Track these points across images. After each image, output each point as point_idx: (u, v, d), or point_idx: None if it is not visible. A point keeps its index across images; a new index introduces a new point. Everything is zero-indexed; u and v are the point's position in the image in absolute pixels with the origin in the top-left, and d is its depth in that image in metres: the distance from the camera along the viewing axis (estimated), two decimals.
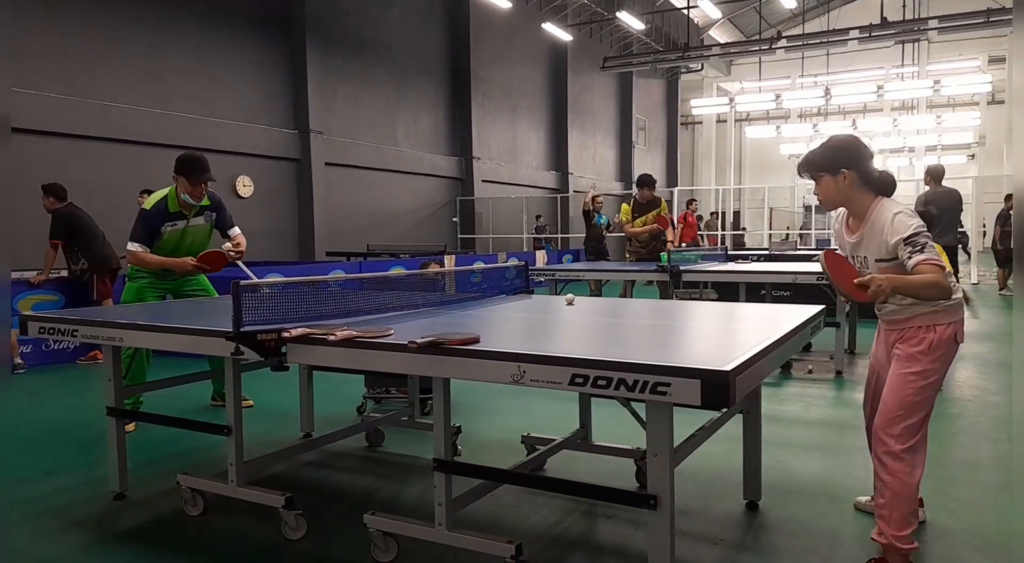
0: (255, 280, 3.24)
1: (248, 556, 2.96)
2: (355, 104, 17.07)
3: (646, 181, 8.37)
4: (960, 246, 14.45)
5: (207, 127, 13.36)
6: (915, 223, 2.58)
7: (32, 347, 7.28)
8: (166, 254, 4.76)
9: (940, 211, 8.20)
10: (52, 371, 7.11)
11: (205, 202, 4.85)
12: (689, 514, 3.27)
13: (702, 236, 19.58)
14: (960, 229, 12.02)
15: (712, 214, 24.79)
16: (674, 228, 9.77)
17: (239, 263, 4.96)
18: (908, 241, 2.55)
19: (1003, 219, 13.13)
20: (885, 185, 2.76)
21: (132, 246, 4.66)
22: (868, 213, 2.71)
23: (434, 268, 5.25)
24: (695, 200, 18.01)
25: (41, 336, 3.50)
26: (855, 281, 2.54)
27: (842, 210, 2.88)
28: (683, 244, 14.16)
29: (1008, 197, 13.26)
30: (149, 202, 4.73)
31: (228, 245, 4.95)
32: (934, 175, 8.61)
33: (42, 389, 6.33)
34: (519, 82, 23.12)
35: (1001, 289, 13.32)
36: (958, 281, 2.84)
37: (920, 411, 2.65)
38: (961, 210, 8.96)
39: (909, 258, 2.54)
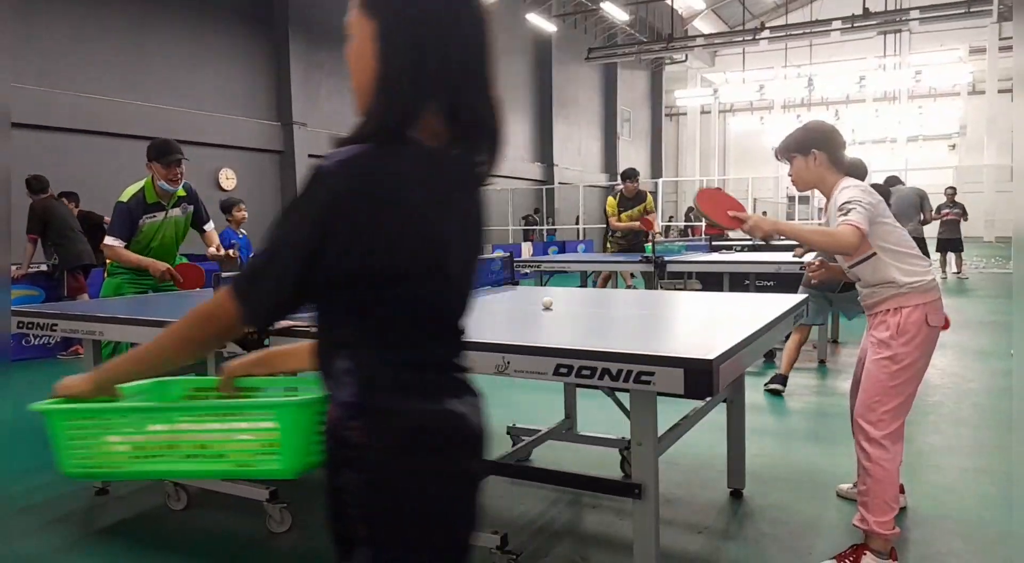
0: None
1: (233, 550, 2.95)
2: (339, 96, 16.95)
3: (631, 174, 8.42)
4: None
5: (190, 119, 13.22)
6: (854, 194, 2.63)
7: (12, 342, 7.20)
8: (144, 247, 4.64)
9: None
10: (32, 366, 7.04)
11: (181, 192, 4.71)
12: (674, 503, 3.29)
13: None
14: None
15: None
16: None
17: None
18: (840, 207, 2.62)
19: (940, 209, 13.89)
20: (856, 170, 2.83)
21: (109, 241, 4.51)
22: (831, 193, 2.79)
23: None
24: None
25: (20, 331, 3.47)
26: (730, 212, 2.67)
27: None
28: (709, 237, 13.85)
29: (947, 189, 14.20)
30: (125, 194, 4.57)
31: (212, 250, 4.91)
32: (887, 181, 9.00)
33: (22, 384, 6.26)
34: (503, 73, 22.78)
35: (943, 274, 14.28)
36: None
37: (897, 397, 2.66)
38: (917, 204, 9.19)
39: (836, 221, 2.62)
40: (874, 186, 6.65)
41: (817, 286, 5.06)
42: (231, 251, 4.85)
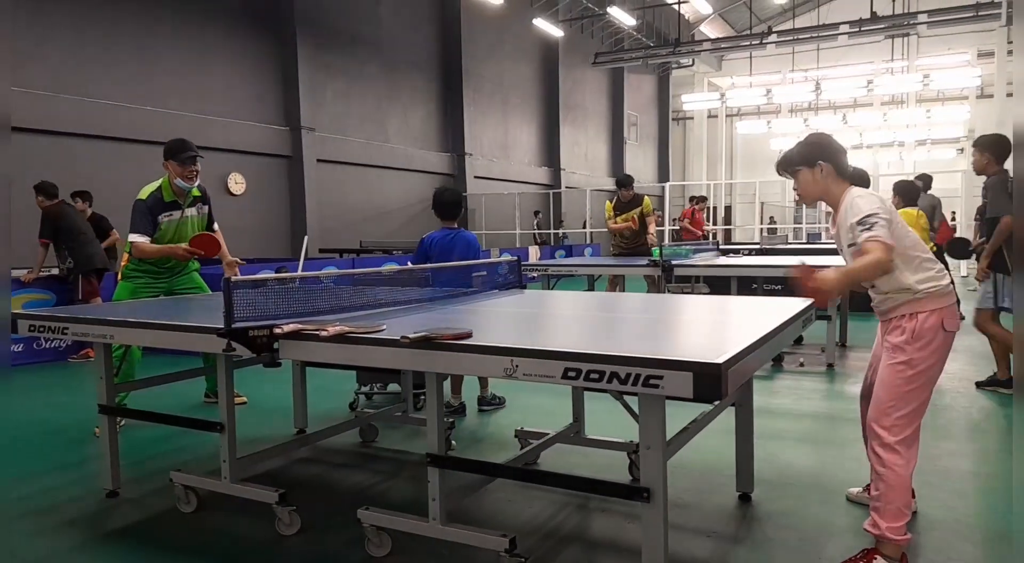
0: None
1: (242, 552, 2.95)
2: (346, 100, 17.01)
3: (625, 182, 8.59)
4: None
5: (197, 124, 13.27)
6: (871, 205, 2.58)
7: (24, 345, 7.24)
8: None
9: None
10: (44, 369, 7.07)
11: (196, 192, 4.82)
12: (682, 507, 3.28)
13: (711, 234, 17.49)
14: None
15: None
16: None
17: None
18: (860, 222, 2.56)
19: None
20: (859, 179, 2.81)
21: (134, 237, 4.61)
22: (840, 203, 2.74)
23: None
24: (704, 198, 16.30)
25: (32, 334, 3.48)
26: (809, 285, 2.55)
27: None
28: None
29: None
30: (143, 193, 4.67)
31: (227, 266, 4.97)
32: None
33: (34, 387, 6.29)
34: (511, 78, 23.08)
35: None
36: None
37: (912, 402, 2.64)
38: (929, 214, 8.99)
39: (859, 238, 2.55)
40: (903, 183, 6.59)
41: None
42: (238, 259, 4.96)
